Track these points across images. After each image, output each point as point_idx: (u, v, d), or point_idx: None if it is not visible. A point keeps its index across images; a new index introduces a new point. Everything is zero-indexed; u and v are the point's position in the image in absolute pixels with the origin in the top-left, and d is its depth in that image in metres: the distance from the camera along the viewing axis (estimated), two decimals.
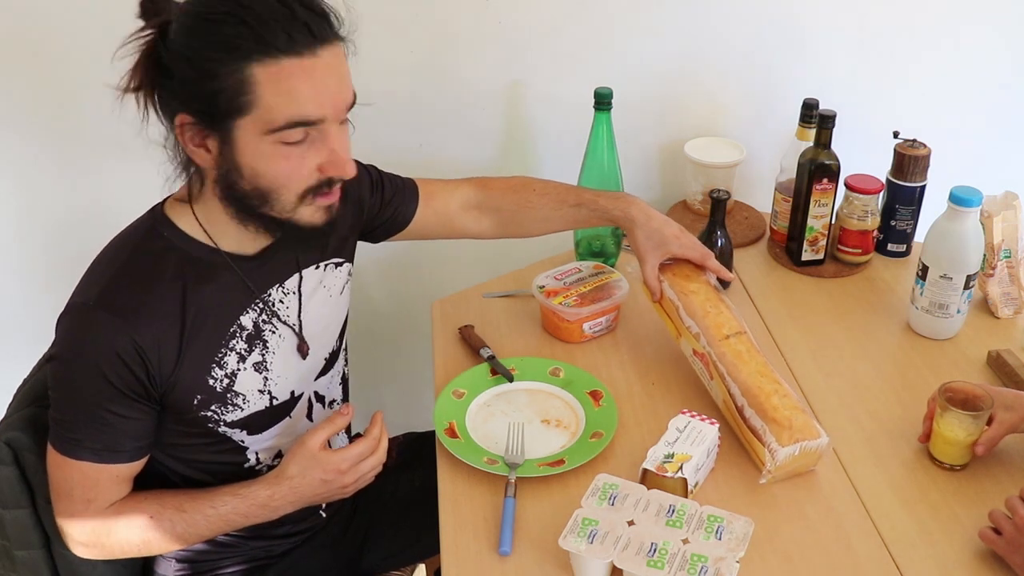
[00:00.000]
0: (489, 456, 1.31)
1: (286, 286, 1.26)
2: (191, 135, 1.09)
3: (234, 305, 1.21)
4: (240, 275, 1.20)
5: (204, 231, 1.18)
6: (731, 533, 1.14)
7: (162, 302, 1.14)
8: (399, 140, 1.86)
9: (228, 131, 1.08)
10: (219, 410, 1.21)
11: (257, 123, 1.06)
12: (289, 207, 1.13)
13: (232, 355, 1.21)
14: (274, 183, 1.11)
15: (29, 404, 1.25)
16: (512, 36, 1.79)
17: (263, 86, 1.04)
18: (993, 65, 1.94)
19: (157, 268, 1.16)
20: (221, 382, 1.20)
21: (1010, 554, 1.14)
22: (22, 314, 1.91)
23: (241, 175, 1.10)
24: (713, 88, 1.91)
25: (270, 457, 1.31)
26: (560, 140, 1.86)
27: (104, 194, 1.81)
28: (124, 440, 1.16)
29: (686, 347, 1.45)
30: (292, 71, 1.04)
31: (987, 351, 1.51)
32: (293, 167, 1.10)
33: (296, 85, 1.05)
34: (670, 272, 1.48)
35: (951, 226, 1.49)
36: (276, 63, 1.04)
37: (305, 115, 1.07)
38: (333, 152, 1.11)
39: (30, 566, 1.25)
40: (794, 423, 1.26)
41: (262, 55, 1.03)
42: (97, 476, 1.17)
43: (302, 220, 1.14)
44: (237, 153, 1.09)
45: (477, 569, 1.17)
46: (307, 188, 1.12)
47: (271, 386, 1.26)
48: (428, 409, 1.42)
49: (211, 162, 1.11)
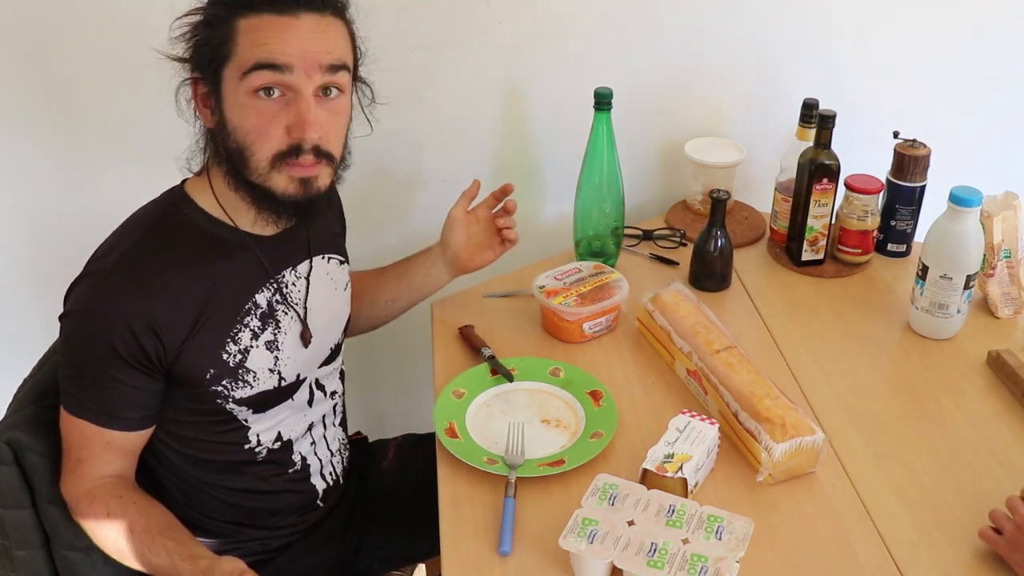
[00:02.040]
0: (489, 456, 1.31)
1: (298, 270, 1.31)
2: (200, 94, 1.18)
3: (250, 283, 1.25)
4: (258, 254, 1.25)
5: (222, 208, 1.23)
6: (731, 533, 1.15)
7: (178, 275, 1.18)
8: (399, 140, 1.86)
9: (219, 83, 1.15)
10: (230, 385, 1.24)
11: (235, 69, 1.14)
12: (262, 169, 1.17)
13: (246, 332, 1.24)
14: (247, 138, 1.16)
15: (29, 404, 1.25)
16: (512, 36, 1.79)
17: (242, 35, 1.13)
18: (993, 65, 1.94)
19: (175, 242, 1.20)
20: (234, 357, 1.23)
21: (1010, 553, 1.14)
22: (22, 314, 1.91)
23: (227, 132, 1.17)
24: (713, 88, 1.91)
25: (270, 440, 1.32)
26: (560, 140, 1.86)
27: (104, 194, 1.81)
28: (121, 406, 1.19)
29: (680, 369, 1.47)
30: (268, 23, 1.13)
31: (987, 351, 1.51)
32: (263, 123, 1.15)
33: (268, 35, 1.13)
34: (660, 302, 1.51)
35: (951, 226, 1.49)
36: (257, 17, 1.13)
37: (271, 58, 1.12)
38: (299, 113, 1.14)
39: (30, 566, 1.25)
40: (787, 420, 1.27)
41: (246, 10, 1.13)
42: (92, 436, 1.20)
43: (276, 187, 1.18)
44: (224, 106, 1.16)
45: (477, 569, 1.17)
46: (277, 151, 1.16)
47: (280, 366, 1.29)
48: (428, 409, 1.42)
49: (212, 121, 1.18)
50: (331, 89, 1.17)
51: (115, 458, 1.22)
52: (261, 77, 1.12)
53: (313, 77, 1.14)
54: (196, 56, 1.17)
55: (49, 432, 1.23)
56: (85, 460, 1.20)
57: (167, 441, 1.28)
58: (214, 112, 1.17)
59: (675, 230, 1.86)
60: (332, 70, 1.15)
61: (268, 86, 1.13)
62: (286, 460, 1.35)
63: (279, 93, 1.14)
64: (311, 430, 1.38)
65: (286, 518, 1.39)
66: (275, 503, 1.37)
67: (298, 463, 1.37)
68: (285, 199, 1.19)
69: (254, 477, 1.33)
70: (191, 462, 1.30)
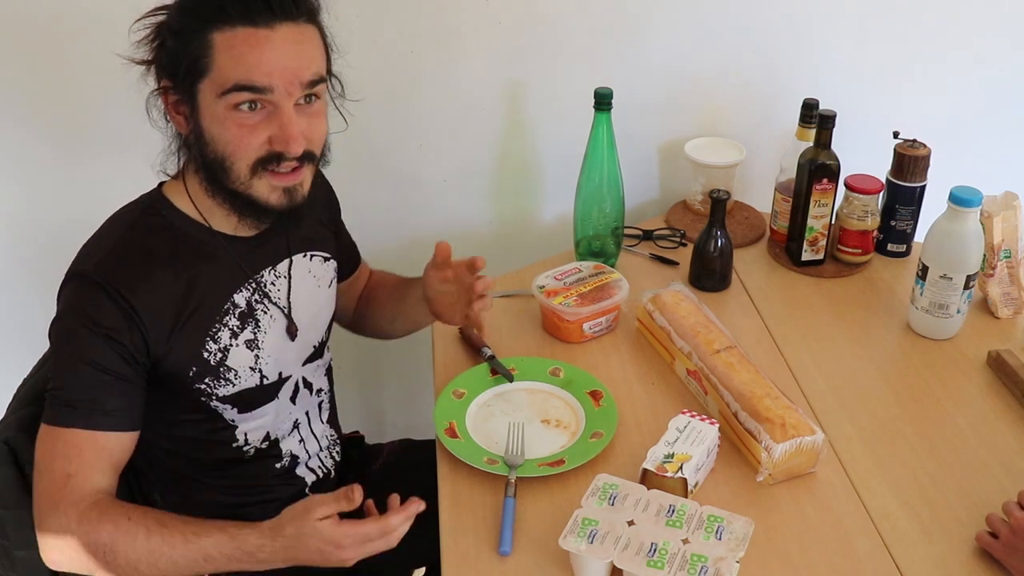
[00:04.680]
0: (489, 456, 1.31)
1: (278, 269, 1.32)
2: (172, 101, 1.17)
3: (228, 283, 1.26)
4: (234, 256, 1.25)
5: (196, 209, 1.24)
6: (731, 533, 1.15)
7: (159, 275, 1.19)
8: (399, 140, 1.86)
9: (194, 95, 1.14)
10: (212, 383, 1.25)
11: (212, 86, 1.13)
12: (243, 177, 1.17)
13: (225, 331, 1.25)
14: (227, 149, 1.15)
15: (29, 404, 1.26)
16: (512, 36, 1.79)
17: (219, 51, 1.12)
18: (994, 65, 1.94)
19: (154, 243, 1.21)
20: (215, 356, 1.24)
21: (1006, 557, 1.14)
22: (22, 314, 1.91)
23: (204, 142, 1.16)
24: (713, 88, 1.91)
25: (258, 439, 1.33)
26: (560, 140, 1.86)
27: (104, 194, 1.80)
28: (113, 399, 1.17)
29: (680, 369, 1.47)
30: (245, 39, 1.11)
31: (987, 351, 1.51)
32: (244, 135, 1.14)
33: (246, 52, 1.12)
34: (660, 302, 1.51)
35: (951, 226, 1.49)
36: (232, 31, 1.11)
37: (251, 80, 1.12)
38: (282, 127, 1.14)
39: (30, 566, 1.25)
40: (787, 420, 1.27)
41: (220, 23, 1.11)
42: (82, 445, 1.15)
43: (259, 196, 1.18)
44: (200, 117, 1.15)
45: (477, 569, 1.17)
46: (257, 159, 1.16)
47: (262, 364, 1.29)
48: (428, 410, 1.42)
49: (186, 129, 1.18)
50: (311, 96, 1.18)
51: (107, 468, 1.18)
52: (240, 96, 1.12)
53: (294, 94, 1.15)
54: (167, 65, 1.16)
55: None
56: (76, 474, 1.14)
57: (159, 442, 1.29)
58: (188, 120, 1.17)
59: (675, 230, 1.86)
60: (311, 84, 1.16)
61: (249, 102, 1.14)
62: (274, 455, 1.36)
63: (260, 107, 1.14)
64: (297, 428, 1.38)
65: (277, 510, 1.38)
66: (265, 495, 1.37)
67: (286, 458, 1.38)
68: (268, 207, 1.19)
69: (243, 473, 1.34)
70: (183, 461, 1.31)
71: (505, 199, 1.75)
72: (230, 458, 1.32)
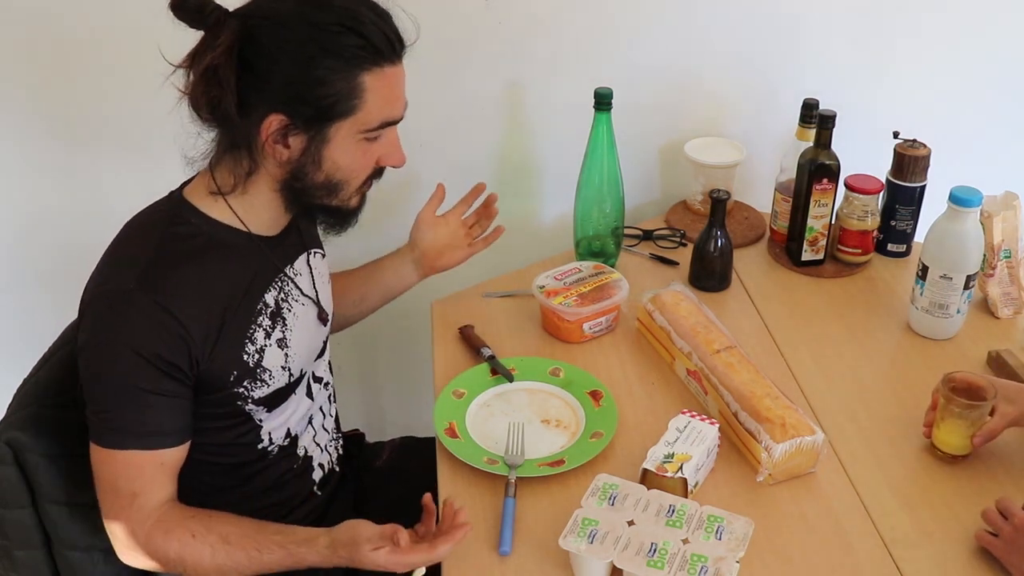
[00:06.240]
0: (489, 456, 1.31)
1: (295, 266, 1.33)
2: (277, 133, 1.15)
3: (259, 284, 1.26)
4: (268, 254, 1.27)
5: (237, 217, 1.23)
6: (731, 533, 1.15)
7: (200, 282, 1.19)
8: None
9: (324, 131, 1.16)
10: (249, 386, 1.25)
11: (356, 124, 1.16)
12: (351, 194, 1.24)
13: (260, 331, 1.25)
14: (347, 175, 1.21)
15: (29, 404, 1.25)
16: (512, 36, 1.79)
17: (371, 92, 1.15)
18: (993, 65, 1.94)
19: (191, 250, 1.20)
20: (252, 357, 1.24)
21: (1007, 555, 1.14)
22: (22, 314, 1.91)
23: (320, 168, 1.19)
24: (713, 88, 1.91)
25: (281, 437, 1.33)
26: (560, 140, 1.86)
27: (105, 195, 1.81)
28: (167, 421, 1.18)
29: (680, 369, 1.47)
30: (391, 78, 1.17)
31: (987, 351, 1.51)
32: (366, 160, 1.21)
33: (393, 90, 1.18)
34: (660, 302, 1.51)
35: (951, 226, 1.49)
36: (381, 71, 1.15)
37: (395, 116, 1.20)
38: (393, 145, 1.23)
39: (30, 566, 1.25)
40: (787, 420, 1.27)
41: (372, 64, 1.14)
42: (142, 464, 1.17)
43: (353, 206, 1.26)
44: (326, 149, 1.17)
45: (477, 569, 1.17)
46: (366, 177, 1.24)
47: (290, 363, 1.30)
48: (427, 409, 1.42)
49: (285, 157, 1.17)
50: None
51: (167, 481, 1.20)
52: (382, 131, 1.19)
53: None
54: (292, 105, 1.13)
55: (49, 432, 1.23)
56: (141, 492, 1.17)
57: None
58: (294, 149, 1.16)
59: (675, 230, 1.86)
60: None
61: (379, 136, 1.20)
62: (292, 455, 1.36)
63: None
64: (311, 422, 1.39)
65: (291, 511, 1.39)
66: (279, 495, 1.37)
67: (301, 455, 1.38)
68: (349, 212, 1.26)
69: (264, 475, 1.34)
70: (204, 468, 1.29)
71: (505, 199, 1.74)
72: (253, 459, 1.31)
